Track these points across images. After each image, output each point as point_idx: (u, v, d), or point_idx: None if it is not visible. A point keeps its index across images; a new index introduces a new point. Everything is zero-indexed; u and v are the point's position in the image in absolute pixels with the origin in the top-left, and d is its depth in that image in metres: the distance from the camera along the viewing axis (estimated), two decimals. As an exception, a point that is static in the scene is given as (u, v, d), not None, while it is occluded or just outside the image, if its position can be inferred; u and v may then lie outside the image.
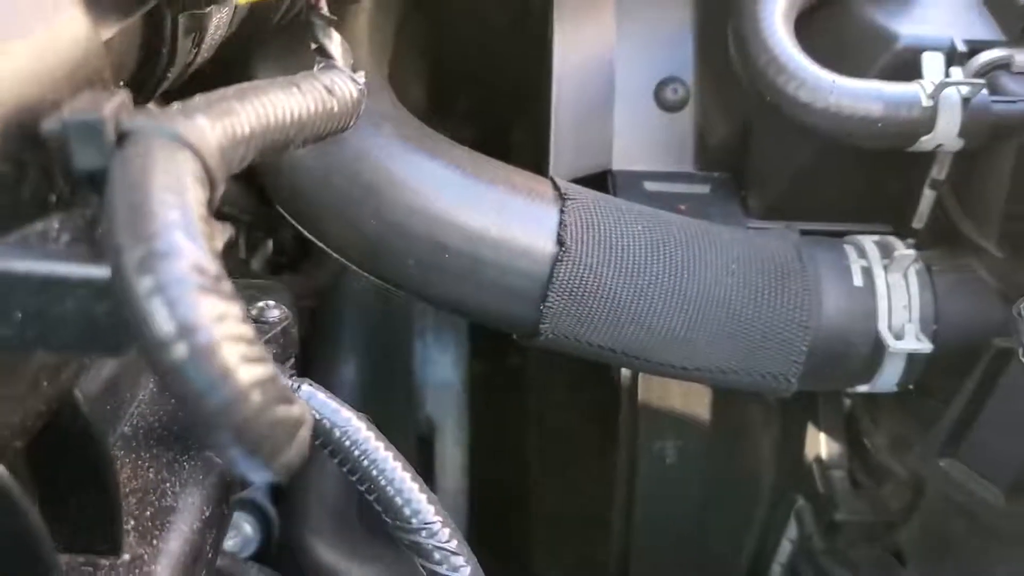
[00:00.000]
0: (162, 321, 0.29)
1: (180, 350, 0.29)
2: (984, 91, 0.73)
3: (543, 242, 0.74)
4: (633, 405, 0.94)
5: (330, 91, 0.44)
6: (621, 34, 0.92)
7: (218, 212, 0.83)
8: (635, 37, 0.92)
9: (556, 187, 0.77)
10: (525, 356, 1.24)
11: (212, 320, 0.29)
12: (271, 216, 0.83)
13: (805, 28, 0.79)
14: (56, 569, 0.41)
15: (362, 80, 0.48)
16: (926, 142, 0.73)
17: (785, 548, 1.04)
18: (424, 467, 1.31)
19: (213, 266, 0.30)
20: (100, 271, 0.33)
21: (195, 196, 0.31)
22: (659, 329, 0.75)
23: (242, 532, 1.06)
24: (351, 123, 0.47)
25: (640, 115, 0.92)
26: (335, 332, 1.18)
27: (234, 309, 0.30)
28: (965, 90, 0.71)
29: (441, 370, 1.34)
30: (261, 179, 0.78)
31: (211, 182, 0.33)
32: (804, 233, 0.82)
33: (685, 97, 0.92)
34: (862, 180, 0.83)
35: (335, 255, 0.77)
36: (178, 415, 0.57)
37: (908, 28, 0.77)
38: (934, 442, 0.79)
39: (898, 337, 0.75)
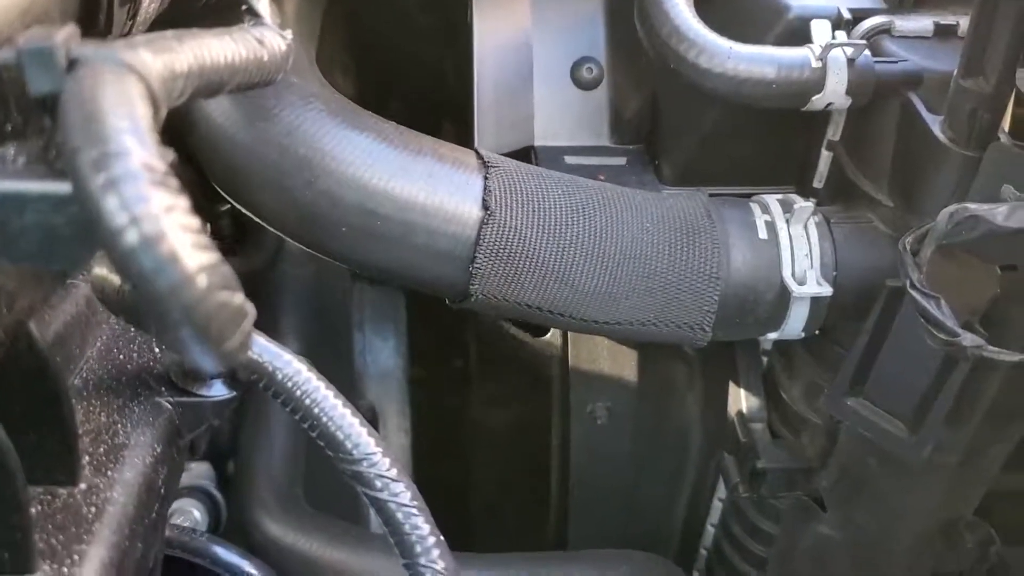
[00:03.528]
0: (116, 211, 0.32)
1: (132, 236, 0.32)
2: (868, 53, 0.79)
3: (469, 207, 0.78)
4: (564, 369, 0.99)
5: (260, 42, 0.48)
6: (537, 18, 0.97)
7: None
8: (550, 20, 0.97)
9: (480, 156, 0.82)
10: (467, 359, 1.28)
11: (161, 210, 0.33)
12: (209, 199, 0.86)
13: (704, 3, 0.84)
14: (27, 499, 0.44)
15: (289, 36, 0.52)
16: (817, 101, 0.79)
17: (717, 508, 1.10)
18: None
19: (161, 165, 0.34)
20: (57, 186, 0.36)
21: (142, 110, 0.35)
22: (581, 286, 0.80)
23: (191, 517, 1.08)
24: (280, 75, 0.51)
25: (558, 94, 0.97)
26: (274, 325, 1.21)
27: (182, 202, 0.34)
28: (849, 51, 0.77)
29: (382, 358, 1.37)
30: (196, 157, 0.81)
31: (155, 104, 0.37)
32: (714, 196, 0.87)
33: (599, 76, 0.98)
34: (765, 145, 0.89)
35: (270, 228, 0.81)
36: (126, 368, 0.60)
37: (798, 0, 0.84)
38: (842, 382, 0.84)
39: (801, 283, 0.80)
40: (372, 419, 1.40)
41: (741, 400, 1.01)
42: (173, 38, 0.42)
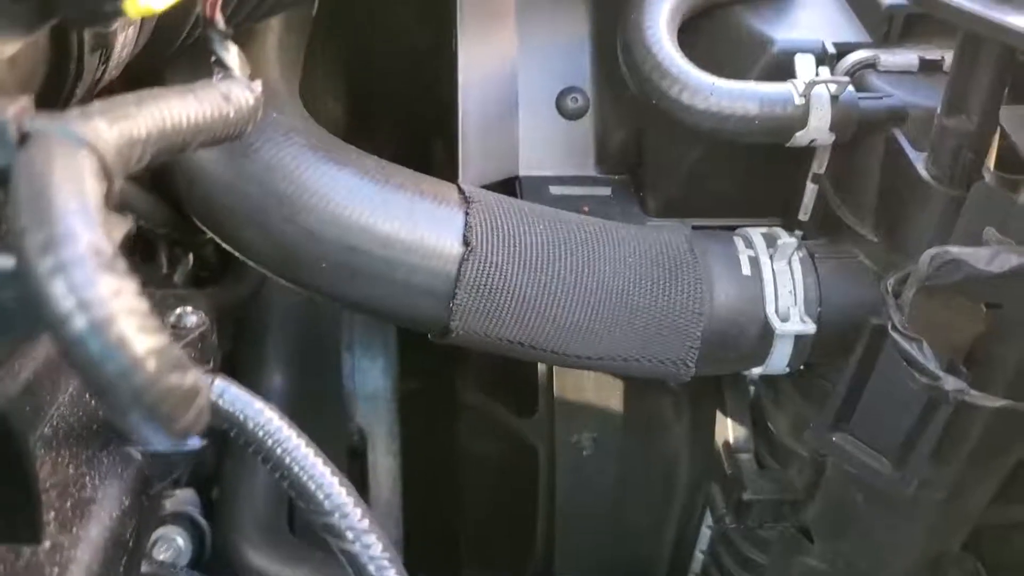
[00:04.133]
0: (62, 297, 0.32)
1: (79, 323, 0.32)
2: (852, 89, 0.79)
3: (450, 243, 0.78)
4: (549, 400, 0.99)
5: (226, 98, 0.48)
6: (523, 47, 0.96)
7: (138, 228, 0.86)
8: (536, 50, 0.97)
9: (461, 191, 0.82)
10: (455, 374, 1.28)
11: (108, 295, 0.32)
12: (192, 231, 0.86)
13: (688, 37, 0.84)
14: None
15: (258, 89, 0.52)
16: (800, 137, 0.78)
17: (705, 535, 1.09)
18: (357, 478, 1.34)
19: (109, 247, 0.33)
20: (5, 261, 0.36)
21: (92, 188, 0.34)
22: (563, 322, 0.79)
23: (174, 545, 1.08)
24: (248, 128, 0.51)
25: (543, 123, 0.96)
26: (261, 346, 1.20)
27: (129, 285, 0.33)
28: (833, 88, 0.77)
29: (371, 380, 1.37)
30: (175, 191, 0.81)
31: (108, 177, 0.37)
32: (698, 228, 0.87)
33: (585, 106, 0.97)
34: (750, 177, 0.89)
35: (250, 263, 0.81)
36: (97, 415, 0.60)
37: (782, 33, 0.83)
38: (827, 418, 0.84)
39: (784, 320, 0.80)
40: (360, 441, 1.40)
41: (728, 430, 1.00)
42: (132, 102, 0.41)
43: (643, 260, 0.80)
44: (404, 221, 0.78)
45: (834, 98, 0.77)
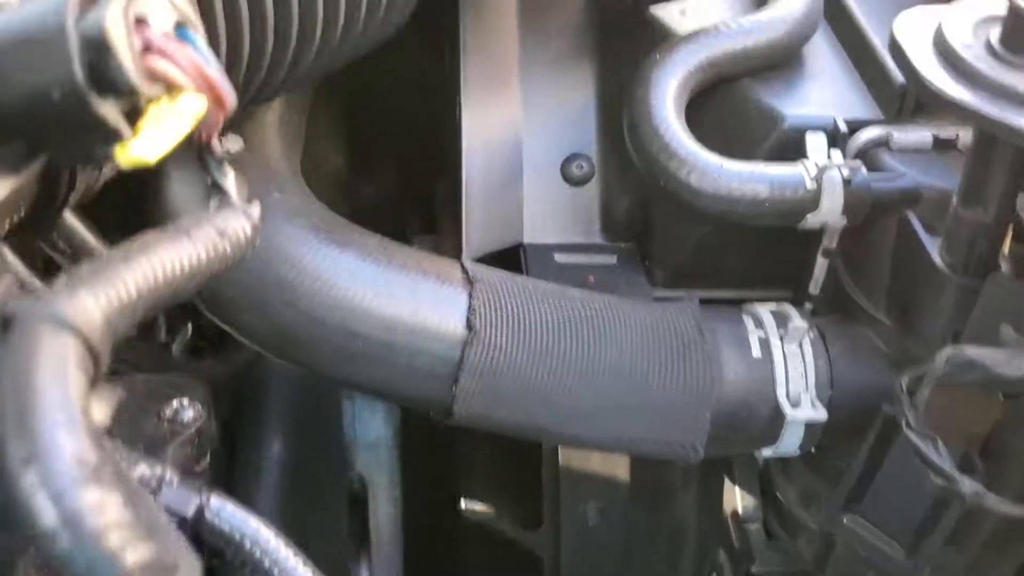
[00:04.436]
0: (46, 514, 0.31)
1: (64, 540, 0.31)
2: (864, 170, 0.77)
3: (453, 326, 0.76)
4: (554, 470, 0.97)
5: (222, 233, 0.46)
6: (527, 113, 0.95)
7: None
8: (541, 116, 0.95)
9: (464, 271, 0.80)
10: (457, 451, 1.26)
11: (93, 509, 0.31)
12: (190, 302, 0.84)
13: (696, 111, 0.82)
14: None
15: (256, 213, 0.50)
16: (812, 220, 0.77)
17: (714, 600, 1.07)
18: (358, 526, 1.32)
19: (93, 456, 0.31)
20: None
21: (77, 386, 0.33)
22: (569, 405, 0.77)
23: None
24: (245, 256, 0.49)
25: (548, 190, 0.95)
26: (262, 394, 1.19)
27: (114, 497, 0.31)
28: (846, 172, 0.75)
29: (371, 428, 1.36)
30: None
31: (95, 360, 0.35)
32: (706, 300, 0.85)
33: (590, 172, 0.95)
34: (759, 250, 0.87)
35: (248, 344, 0.79)
36: None
37: (792, 108, 0.81)
38: (838, 499, 0.82)
39: (795, 405, 0.78)
40: (361, 488, 1.38)
41: (737, 500, 0.99)
42: (120, 260, 0.40)
43: (651, 342, 0.78)
44: (407, 303, 0.76)
45: (846, 181, 0.75)
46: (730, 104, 0.84)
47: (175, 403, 0.70)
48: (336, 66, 0.75)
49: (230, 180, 0.49)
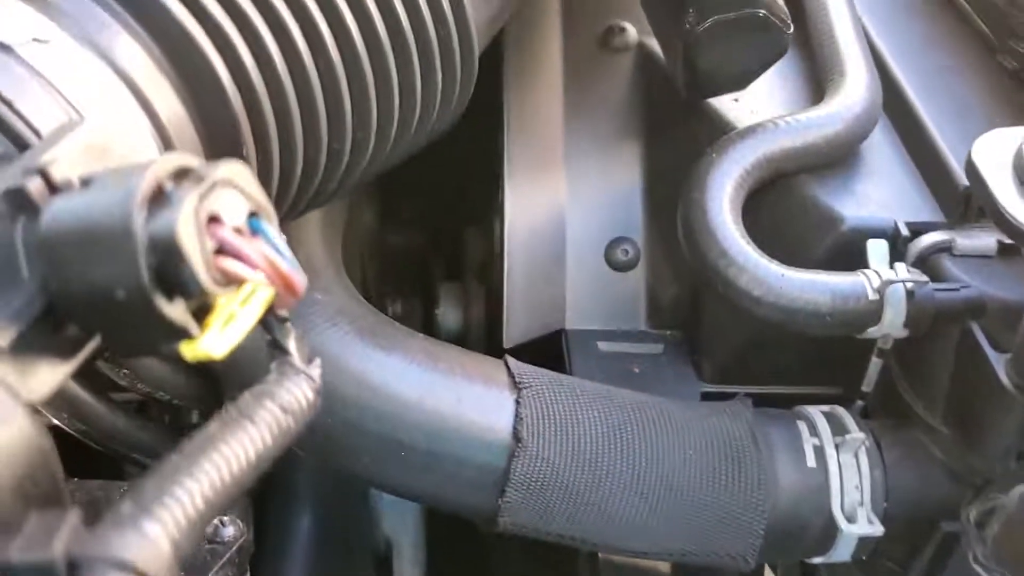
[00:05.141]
0: None
1: None
2: (928, 281, 0.74)
3: (500, 435, 0.74)
4: (593, 563, 0.94)
5: (285, 409, 0.44)
6: (572, 196, 0.92)
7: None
8: (585, 199, 0.93)
9: (510, 372, 0.78)
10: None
11: None
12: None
13: (751, 207, 0.80)
14: None
15: (318, 373, 0.48)
16: (874, 332, 0.74)
17: None
18: (384, 585, 1.31)
19: None
20: None
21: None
22: (617, 518, 0.75)
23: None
24: (306, 422, 0.47)
25: (591, 275, 0.92)
26: (290, 462, 1.17)
27: None
28: (909, 284, 0.72)
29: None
30: (213, 371, 0.77)
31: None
32: (756, 395, 0.83)
33: (636, 257, 0.93)
34: (812, 348, 0.84)
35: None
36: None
37: (852, 210, 0.79)
38: (892, 609, 0.80)
39: (850, 520, 0.76)
40: (387, 549, 1.37)
41: (779, 592, 0.96)
42: (185, 468, 0.37)
43: (704, 451, 0.76)
44: (452, 411, 0.74)
45: (910, 294, 0.73)
46: (786, 202, 0.81)
47: (216, 522, 0.68)
48: (387, 168, 0.73)
49: (291, 340, 0.47)
